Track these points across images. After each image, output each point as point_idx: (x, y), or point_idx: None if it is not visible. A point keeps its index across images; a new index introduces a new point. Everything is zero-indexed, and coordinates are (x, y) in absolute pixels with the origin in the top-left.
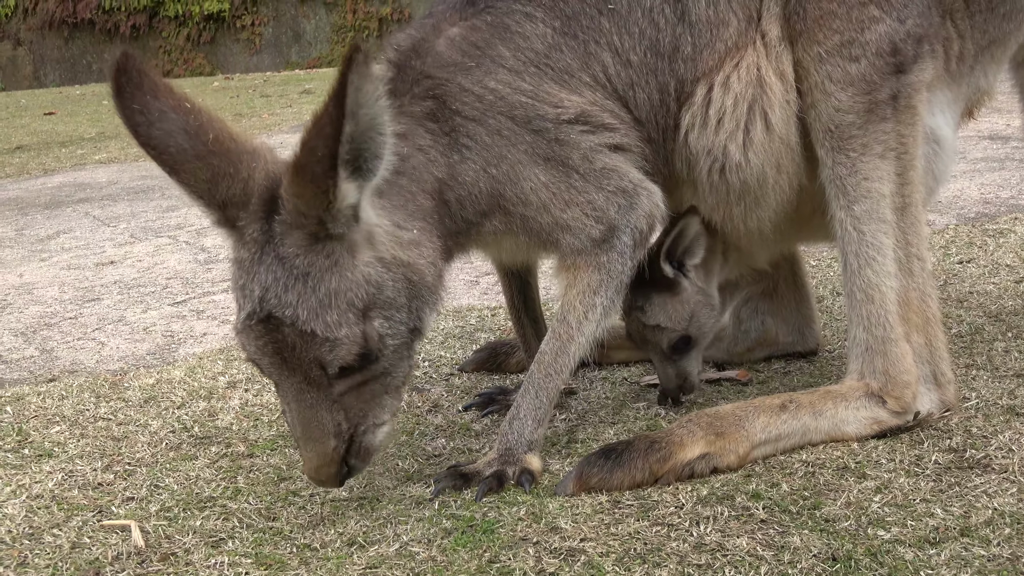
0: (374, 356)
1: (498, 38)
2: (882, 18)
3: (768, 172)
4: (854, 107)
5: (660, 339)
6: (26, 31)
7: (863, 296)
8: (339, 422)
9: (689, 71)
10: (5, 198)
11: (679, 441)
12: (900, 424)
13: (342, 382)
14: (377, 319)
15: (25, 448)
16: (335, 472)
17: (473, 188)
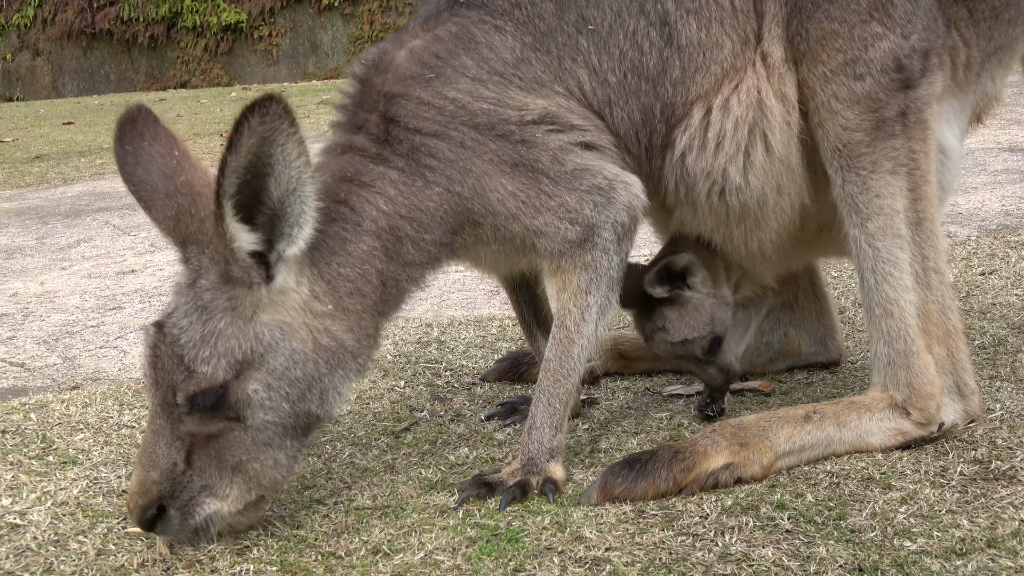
0: (230, 409)
1: (462, 48)
2: (885, 35)
3: (769, 194)
4: (861, 125)
5: (692, 350)
6: (45, 41)
7: (882, 311)
8: (175, 461)
9: (680, 93)
10: (25, 207)
11: (703, 451)
12: (924, 435)
13: (191, 420)
14: (252, 382)
15: (50, 455)
16: (143, 505)
17: (438, 212)
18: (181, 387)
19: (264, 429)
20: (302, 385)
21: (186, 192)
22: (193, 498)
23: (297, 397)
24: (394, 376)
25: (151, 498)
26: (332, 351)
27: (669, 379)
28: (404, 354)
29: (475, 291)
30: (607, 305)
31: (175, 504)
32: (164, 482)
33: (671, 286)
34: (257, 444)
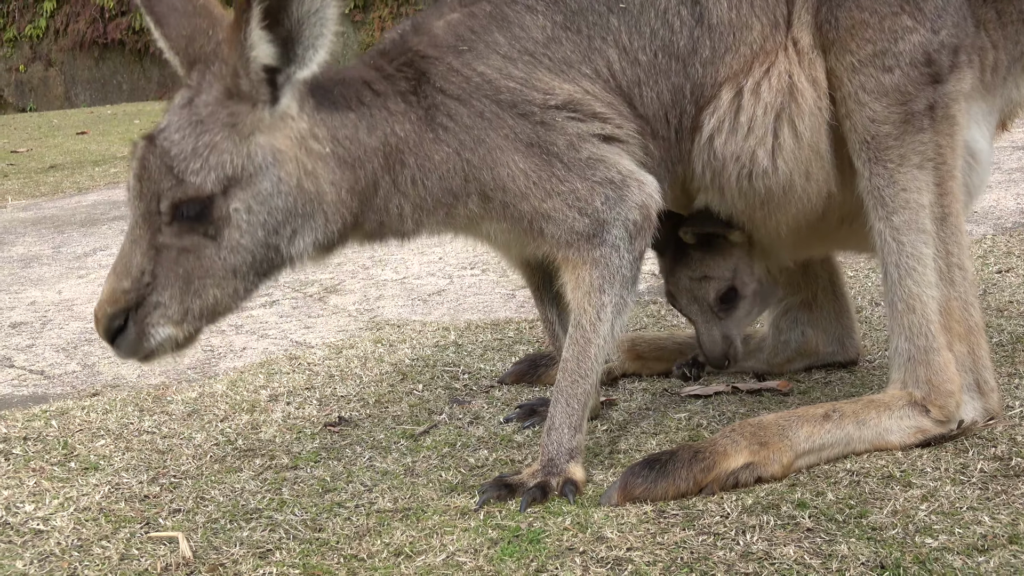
0: (211, 226)
1: (495, 26)
2: (915, 28)
3: (796, 180)
4: (889, 117)
5: (707, 291)
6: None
7: (904, 306)
8: (145, 271)
9: (709, 74)
10: (41, 216)
11: (723, 451)
12: (944, 433)
13: (169, 231)
14: (236, 201)
15: (71, 461)
16: (111, 313)
17: (441, 168)
18: (167, 194)
19: (236, 252)
20: (279, 217)
21: (204, 14)
22: (148, 315)
23: (272, 228)
24: (412, 379)
25: (119, 307)
26: (311, 197)
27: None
28: (422, 358)
29: (491, 295)
30: (622, 304)
31: (135, 317)
32: (133, 291)
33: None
34: (226, 268)
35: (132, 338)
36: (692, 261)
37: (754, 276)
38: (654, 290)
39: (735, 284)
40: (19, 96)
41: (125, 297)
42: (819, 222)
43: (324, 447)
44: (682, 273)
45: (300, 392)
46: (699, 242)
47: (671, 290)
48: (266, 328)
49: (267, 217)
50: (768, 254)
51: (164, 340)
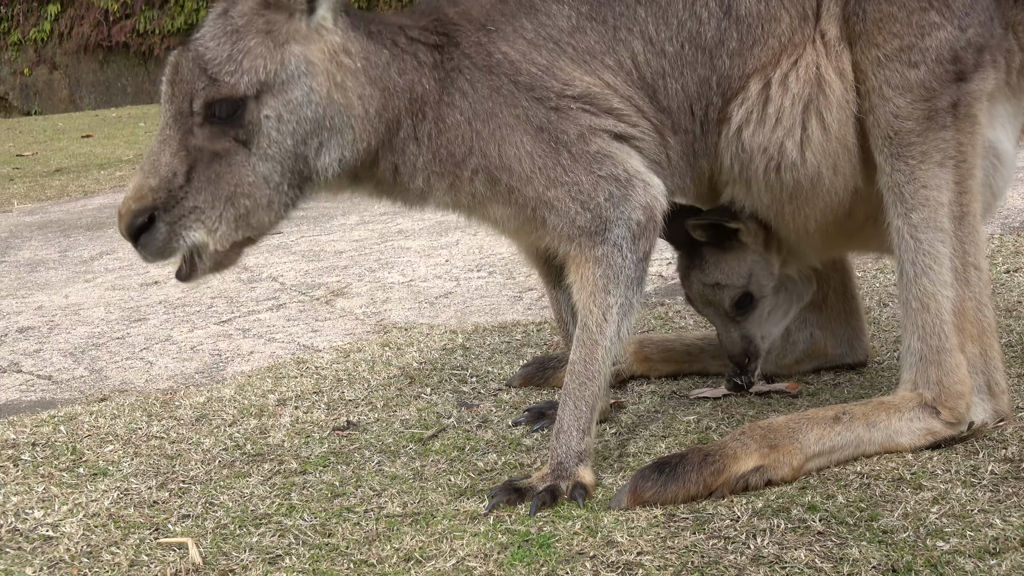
0: (241, 130)
1: (523, 12)
2: (943, 24)
3: (824, 172)
4: (913, 113)
5: (722, 298)
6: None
7: (919, 305)
8: (175, 172)
9: (736, 65)
10: (47, 220)
11: (732, 454)
12: (954, 435)
13: (201, 133)
14: (267, 108)
15: (80, 467)
16: (135, 210)
17: (450, 131)
18: (200, 94)
19: (266, 160)
20: (308, 127)
21: None
22: (183, 217)
23: (301, 137)
24: (420, 383)
25: (145, 204)
26: (340, 109)
27: (696, 382)
28: (429, 361)
29: (498, 297)
30: (628, 306)
31: (165, 218)
32: (161, 190)
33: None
34: (256, 176)
35: (161, 238)
36: (706, 265)
37: (772, 277)
38: (661, 292)
39: (750, 289)
40: (24, 99)
41: (152, 195)
42: (846, 219)
43: (333, 451)
44: (695, 277)
45: (308, 396)
46: (712, 243)
47: (686, 292)
48: (273, 332)
49: (296, 126)
50: (796, 253)
51: (195, 244)
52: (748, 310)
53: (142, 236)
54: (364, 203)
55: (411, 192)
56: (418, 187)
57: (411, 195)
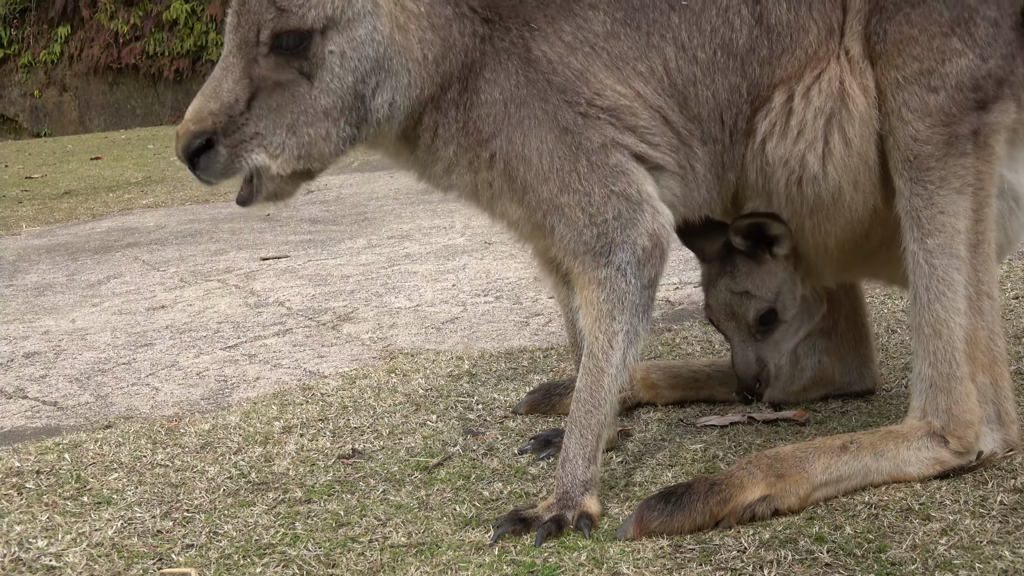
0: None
1: (563, 15)
2: (964, 52)
3: (845, 188)
4: (932, 138)
5: (747, 309)
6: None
7: (931, 331)
8: (237, 98)
9: (766, 74)
10: (55, 243)
11: (739, 483)
12: (963, 464)
13: (266, 62)
14: (332, 43)
15: (84, 495)
16: (194, 131)
17: (484, 107)
18: (268, 24)
19: (327, 93)
20: (368, 65)
21: None
22: (245, 142)
23: (361, 75)
24: (426, 410)
25: (204, 127)
26: (400, 50)
27: (703, 409)
28: (435, 388)
29: (505, 322)
30: (634, 334)
31: (226, 141)
32: (221, 115)
33: (755, 243)
34: (317, 109)
35: (223, 160)
36: (737, 273)
37: (796, 301)
38: (668, 317)
39: (776, 307)
40: (34, 121)
41: (213, 118)
42: (863, 240)
43: (338, 480)
44: (724, 285)
45: (314, 423)
46: (746, 254)
47: (710, 302)
48: (279, 357)
49: (358, 63)
50: (812, 271)
51: (258, 167)
52: (770, 329)
53: (200, 158)
54: (371, 227)
55: (441, 162)
56: (448, 157)
57: (440, 167)
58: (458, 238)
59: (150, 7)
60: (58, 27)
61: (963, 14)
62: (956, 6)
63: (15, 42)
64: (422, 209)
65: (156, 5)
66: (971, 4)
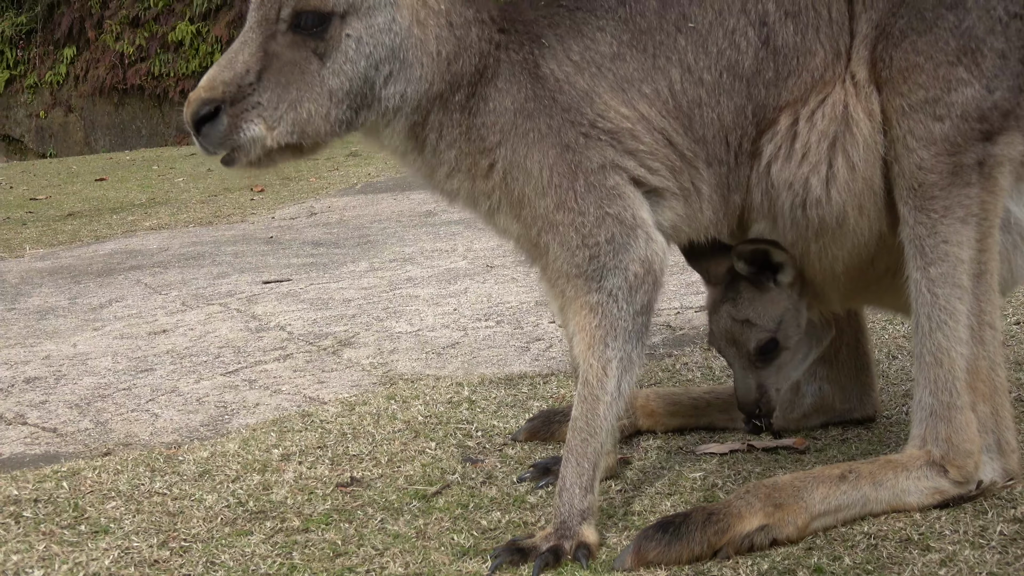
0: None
1: (571, 35)
2: (971, 82)
3: (849, 212)
4: (937, 167)
5: (748, 338)
6: (77, 98)
7: (932, 359)
8: (250, 69)
9: (771, 97)
10: (58, 266)
11: (737, 513)
12: (963, 494)
13: (283, 39)
14: (350, 28)
15: (81, 524)
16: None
17: (491, 115)
18: (289, 2)
19: (337, 75)
20: (383, 53)
21: None
22: (247, 111)
23: (374, 63)
24: (425, 437)
25: (215, 95)
26: (416, 43)
27: (703, 437)
28: (435, 414)
29: (506, 347)
30: (628, 361)
31: (231, 110)
32: (232, 84)
33: (758, 270)
34: (324, 89)
35: (223, 129)
36: (740, 301)
37: (800, 329)
38: (669, 343)
39: (777, 336)
40: (39, 142)
41: (224, 87)
42: (868, 266)
43: (336, 509)
44: (726, 311)
45: (312, 451)
46: (750, 281)
47: (712, 327)
48: (279, 383)
49: (373, 50)
50: (820, 297)
51: (253, 138)
52: (770, 358)
53: (205, 126)
54: (373, 250)
55: (445, 166)
56: (450, 161)
57: (444, 170)
58: (460, 261)
59: (155, 28)
60: (64, 48)
61: (970, 44)
62: (963, 36)
63: (21, 63)
64: (424, 232)
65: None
66: (978, 35)
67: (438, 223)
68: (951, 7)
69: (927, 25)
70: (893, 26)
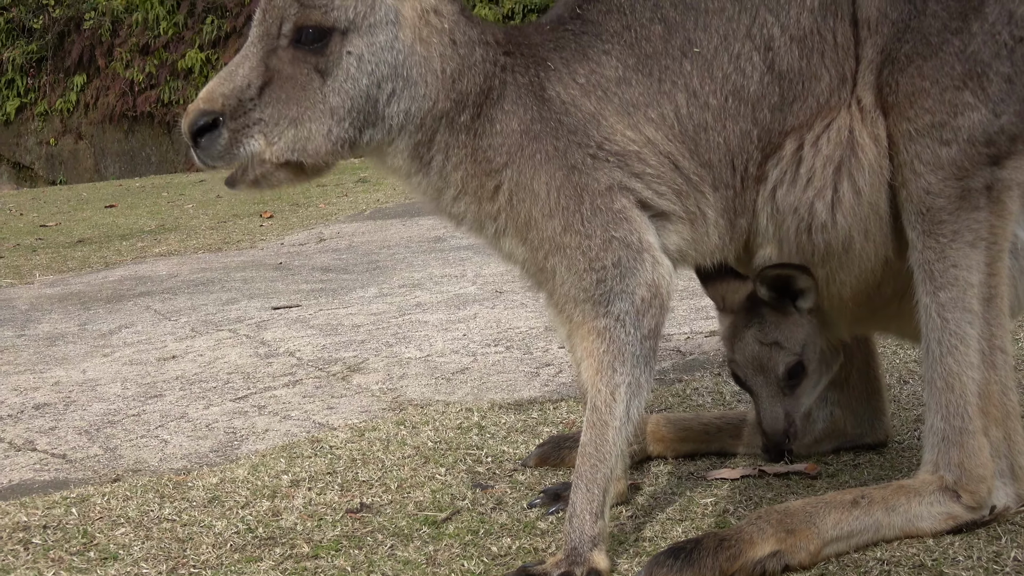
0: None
1: (577, 59)
2: (977, 106)
3: (855, 237)
4: (945, 191)
5: (777, 362)
6: (87, 125)
7: (943, 384)
8: (250, 83)
9: (777, 121)
10: (68, 292)
11: (749, 539)
12: (976, 519)
13: (284, 54)
14: (352, 46)
15: (90, 551)
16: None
17: (498, 137)
18: (291, 17)
19: (339, 93)
20: (385, 71)
21: None
22: (248, 127)
23: (376, 80)
24: (435, 463)
25: (213, 107)
26: (420, 61)
27: (714, 463)
28: (445, 440)
29: (515, 373)
30: (637, 386)
31: (230, 124)
32: (232, 98)
33: (780, 295)
34: (325, 106)
35: (223, 143)
36: (766, 324)
37: (817, 352)
38: (679, 368)
39: (803, 359)
40: (49, 169)
41: (223, 100)
42: (876, 292)
43: (345, 535)
44: (752, 336)
45: (322, 477)
46: (772, 306)
47: (735, 356)
48: (289, 409)
49: (375, 68)
50: (827, 323)
51: (253, 153)
52: (797, 382)
53: (203, 138)
54: (383, 275)
55: (451, 188)
56: (457, 182)
57: (451, 193)
58: (469, 287)
59: (165, 56)
60: (74, 76)
61: (976, 68)
62: (969, 60)
63: (32, 91)
64: (433, 258)
65: (171, 54)
66: (984, 59)
67: (447, 248)
68: (956, 32)
69: (933, 50)
70: (899, 51)
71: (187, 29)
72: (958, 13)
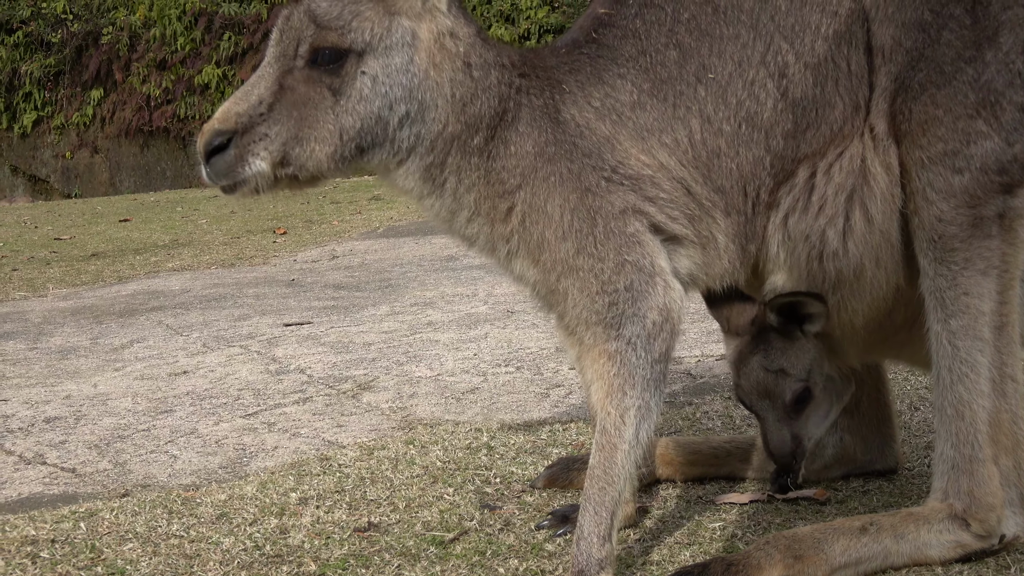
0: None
1: (592, 82)
2: (990, 135)
3: (867, 264)
4: (957, 219)
5: (783, 389)
6: (103, 139)
7: (953, 412)
8: (263, 101)
9: (790, 148)
10: (81, 306)
11: (756, 564)
12: (985, 548)
13: (299, 74)
14: (367, 67)
15: (98, 566)
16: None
17: (512, 158)
18: (307, 39)
19: (350, 114)
20: (398, 94)
21: None
22: (254, 142)
23: (389, 103)
24: (443, 483)
25: (227, 127)
26: (433, 85)
27: (723, 487)
28: (453, 460)
29: (525, 393)
30: (647, 409)
31: (240, 141)
32: (244, 116)
33: (788, 320)
34: (335, 125)
35: (230, 160)
36: (772, 351)
37: (823, 377)
38: (689, 391)
39: (809, 384)
40: (65, 183)
41: (236, 119)
42: (887, 320)
43: (352, 554)
44: (757, 362)
45: (330, 495)
46: (779, 332)
47: (741, 382)
48: (298, 426)
49: (389, 90)
50: (837, 350)
51: (257, 172)
52: (803, 406)
53: (214, 157)
54: (395, 293)
55: (465, 210)
56: (470, 204)
57: (464, 215)
58: (480, 306)
59: (182, 71)
60: (91, 90)
61: (989, 97)
62: (982, 89)
63: (49, 104)
64: (445, 276)
65: (188, 69)
66: (998, 88)
67: (459, 268)
68: (970, 61)
69: (946, 78)
70: (912, 79)
71: (204, 45)
72: (972, 42)
